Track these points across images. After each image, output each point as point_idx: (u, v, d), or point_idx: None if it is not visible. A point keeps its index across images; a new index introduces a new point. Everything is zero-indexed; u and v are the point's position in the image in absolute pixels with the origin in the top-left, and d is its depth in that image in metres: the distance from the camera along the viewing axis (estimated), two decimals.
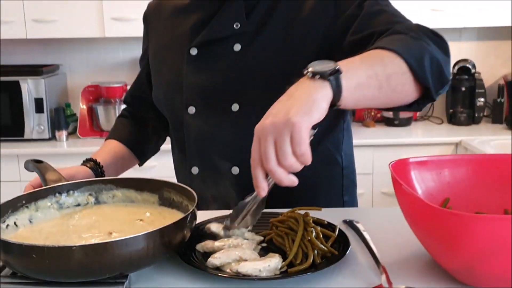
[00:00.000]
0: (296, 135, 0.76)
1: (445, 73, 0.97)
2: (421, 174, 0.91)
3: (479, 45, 3.42)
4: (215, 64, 1.17)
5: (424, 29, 1.01)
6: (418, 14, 3.01)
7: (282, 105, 0.80)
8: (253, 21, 1.15)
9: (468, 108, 3.24)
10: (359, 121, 3.31)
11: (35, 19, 3.04)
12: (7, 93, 3.04)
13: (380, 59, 0.89)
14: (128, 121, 1.43)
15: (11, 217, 0.90)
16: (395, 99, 0.93)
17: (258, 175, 0.80)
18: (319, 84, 0.80)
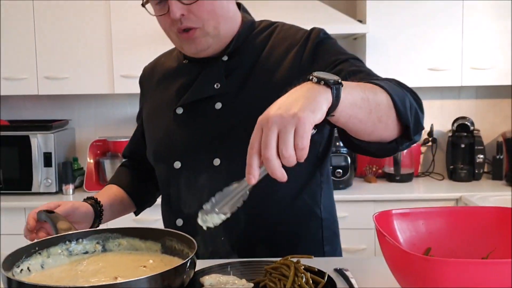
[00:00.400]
0: (300, 128, 0.81)
1: (421, 122, 1.07)
2: (403, 225, 0.98)
3: (478, 103, 3.51)
4: (198, 121, 1.28)
5: (403, 84, 1.10)
6: (416, 73, 3.13)
7: (288, 100, 0.85)
8: (233, 82, 1.26)
9: (468, 164, 3.31)
10: (361, 176, 3.38)
11: (47, 76, 3.18)
12: (16, 148, 3.14)
13: (372, 89, 0.98)
14: (129, 170, 1.52)
15: (25, 262, 0.98)
16: (379, 129, 1.00)
17: (253, 162, 0.83)
18: (323, 89, 0.86)
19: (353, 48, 3.48)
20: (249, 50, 1.29)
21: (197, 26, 1.21)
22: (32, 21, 3.14)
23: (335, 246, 1.40)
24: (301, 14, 3.08)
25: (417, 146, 3.43)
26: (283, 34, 1.30)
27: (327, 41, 1.27)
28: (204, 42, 1.24)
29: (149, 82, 1.46)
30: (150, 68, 1.49)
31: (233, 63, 1.28)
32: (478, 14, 3.08)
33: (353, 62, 1.20)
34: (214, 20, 1.22)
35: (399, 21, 3.10)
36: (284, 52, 1.26)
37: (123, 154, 1.58)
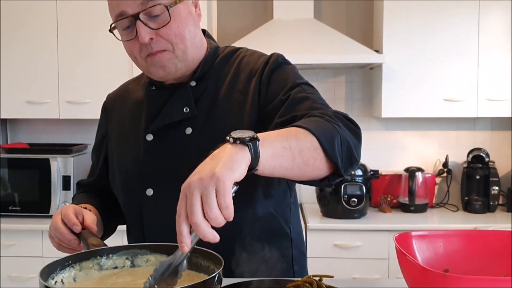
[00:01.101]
0: (221, 187, 0.83)
1: (354, 154, 1.10)
2: (422, 246, 1.02)
3: (493, 134, 3.54)
4: (169, 147, 1.28)
5: (339, 116, 1.14)
6: (431, 103, 3.18)
7: (207, 164, 0.88)
8: (202, 106, 1.29)
9: (483, 196, 3.32)
10: (375, 206, 3.40)
11: (69, 101, 3.27)
12: (37, 170, 3.20)
13: (295, 134, 1.01)
14: (92, 194, 1.48)
15: (59, 275, 1.03)
16: (308, 172, 1.03)
17: (182, 230, 0.85)
18: (240, 148, 0.90)
19: (370, 78, 3.54)
20: (214, 76, 1.32)
21: (166, 48, 1.23)
22: (56, 47, 3.25)
23: (303, 266, 1.43)
24: (318, 43, 3.15)
25: (432, 176, 3.46)
26: (246, 60, 1.34)
27: (283, 66, 1.31)
28: (171, 65, 1.25)
29: (115, 109, 1.45)
30: (115, 95, 1.49)
31: (200, 88, 1.31)
32: (494, 46, 3.14)
33: (304, 88, 1.23)
34: (182, 43, 1.24)
35: (416, 51, 3.16)
36: (247, 78, 1.30)
37: (81, 184, 1.55)
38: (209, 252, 1.07)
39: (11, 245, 3.05)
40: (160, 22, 1.21)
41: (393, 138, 3.58)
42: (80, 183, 1.55)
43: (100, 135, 1.50)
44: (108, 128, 1.47)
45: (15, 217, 3.17)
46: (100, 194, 1.49)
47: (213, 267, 1.05)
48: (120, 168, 1.38)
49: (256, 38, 3.16)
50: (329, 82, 3.57)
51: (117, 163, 1.39)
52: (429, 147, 3.56)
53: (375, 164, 3.50)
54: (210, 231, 0.85)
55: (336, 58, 3.09)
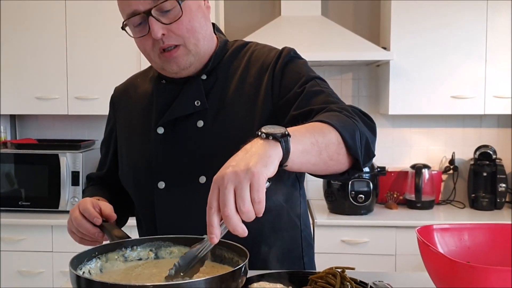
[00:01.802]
0: (255, 183, 0.84)
1: (371, 149, 1.12)
2: (444, 239, 1.03)
3: (500, 131, 3.55)
4: (181, 140, 1.29)
5: (356, 111, 1.16)
6: (439, 100, 3.19)
7: (241, 158, 0.89)
8: (213, 99, 1.30)
9: (490, 193, 3.32)
10: (382, 203, 3.42)
11: (77, 97, 3.28)
12: (46, 166, 3.22)
13: (321, 130, 1.02)
14: (102, 187, 1.49)
15: (87, 265, 1.04)
16: (331, 166, 1.05)
17: (213, 221, 0.86)
18: (273, 144, 0.91)
19: (376, 75, 3.56)
20: (225, 70, 1.33)
21: (179, 43, 1.24)
22: (64, 43, 3.27)
23: (311, 258, 1.45)
24: (326, 40, 3.16)
25: (438, 173, 3.47)
26: (256, 54, 1.35)
27: (296, 60, 1.32)
28: (186, 60, 1.27)
29: (123, 103, 1.46)
30: (123, 88, 1.50)
31: (210, 82, 1.32)
32: (502, 43, 3.14)
33: (318, 82, 1.25)
34: (194, 37, 1.25)
35: (423, 48, 3.17)
36: (258, 71, 1.31)
37: (90, 177, 1.55)
38: (233, 244, 1.09)
39: (21, 240, 3.07)
40: (171, 16, 1.22)
41: (399, 135, 3.60)
42: (90, 177, 1.57)
43: (109, 129, 1.52)
44: (116, 121, 1.48)
45: (25, 212, 3.19)
46: (110, 187, 1.50)
47: (237, 259, 1.06)
48: (130, 161, 1.39)
49: (263, 35, 3.17)
50: (336, 79, 3.58)
51: (127, 156, 1.40)
52: (436, 144, 3.58)
53: (382, 161, 3.52)
54: (241, 225, 0.86)
55: (343, 55, 3.10)
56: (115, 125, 1.48)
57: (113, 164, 1.49)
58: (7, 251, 3.08)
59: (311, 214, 3.18)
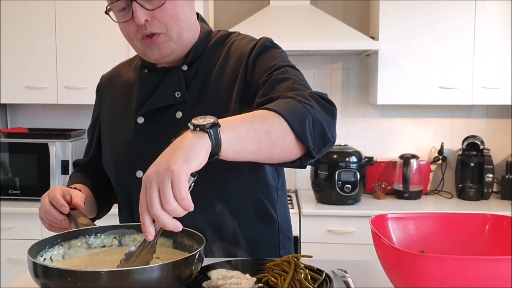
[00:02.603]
0: (175, 181, 0.85)
1: (327, 134, 1.10)
2: (398, 228, 1.05)
3: (488, 122, 3.56)
4: (160, 131, 1.30)
5: (314, 96, 1.13)
6: (427, 90, 3.20)
7: (165, 155, 0.91)
8: (193, 90, 1.31)
9: (477, 183, 3.34)
10: (370, 193, 3.44)
11: (67, 86, 3.29)
12: (35, 155, 3.24)
13: (261, 117, 1.02)
14: (87, 174, 1.51)
15: (48, 252, 1.07)
16: (276, 154, 1.04)
17: (145, 220, 0.89)
18: (199, 136, 0.92)
19: (366, 64, 3.56)
20: (206, 60, 1.34)
21: (161, 31, 1.25)
22: (54, 32, 3.27)
23: (289, 251, 1.46)
24: (315, 29, 3.17)
25: (427, 164, 3.49)
26: (236, 44, 1.35)
27: (270, 49, 1.32)
28: (167, 48, 1.27)
29: (108, 91, 1.48)
30: (108, 77, 1.52)
31: (191, 72, 1.33)
32: (490, 34, 3.15)
33: (287, 69, 1.24)
34: (177, 25, 1.26)
35: (412, 38, 3.17)
36: (235, 63, 1.32)
37: (76, 163, 1.58)
38: (192, 232, 1.11)
39: (11, 228, 3.09)
40: (155, 3, 1.23)
41: (388, 125, 3.61)
42: (76, 163, 1.59)
43: (94, 116, 1.53)
44: (101, 109, 1.50)
45: (15, 201, 3.22)
46: (94, 174, 1.52)
47: (196, 246, 1.08)
48: (111, 149, 1.41)
49: (252, 24, 3.18)
50: (325, 69, 3.59)
51: (109, 144, 1.42)
52: (425, 135, 3.59)
53: (371, 151, 3.54)
54: (171, 221, 0.88)
55: (332, 45, 3.10)
56: (100, 113, 1.50)
57: (96, 152, 1.51)
58: None
59: (298, 204, 3.20)
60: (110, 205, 1.55)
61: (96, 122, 1.52)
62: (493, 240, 1.02)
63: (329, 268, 1.15)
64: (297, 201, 3.29)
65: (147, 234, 0.90)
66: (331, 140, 1.12)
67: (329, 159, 3.15)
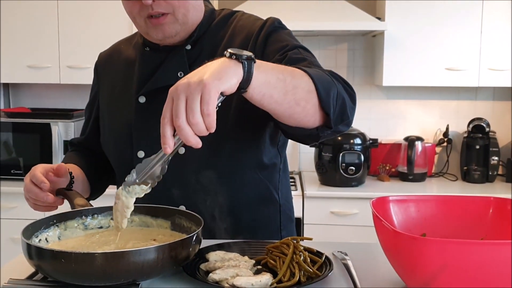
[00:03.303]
0: (205, 95, 0.84)
1: (347, 112, 1.10)
2: (399, 211, 1.03)
3: (495, 104, 3.51)
4: (162, 110, 1.29)
5: (338, 76, 1.13)
6: (433, 72, 3.16)
7: (198, 71, 0.89)
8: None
9: (482, 166, 3.31)
10: (374, 175, 3.41)
11: (70, 66, 3.27)
12: (38, 135, 3.23)
13: (292, 71, 1.01)
14: (82, 154, 1.50)
15: (44, 233, 1.06)
16: (297, 113, 1.03)
17: (166, 132, 0.87)
18: (234, 63, 0.90)
19: (372, 45, 3.52)
20: (210, 39, 1.31)
21: (167, 11, 1.22)
22: (56, 12, 3.24)
23: (291, 232, 1.45)
24: (321, 10, 3.12)
25: (432, 146, 3.46)
26: (241, 23, 1.33)
27: (279, 30, 1.30)
28: (172, 29, 1.25)
29: (107, 69, 1.45)
30: (107, 54, 1.48)
31: (195, 52, 1.30)
32: (498, 15, 3.09)
33: (300, 51, 1.23)
34: (184, 7, 1.23)
35: (418, 19, 3.12)
36: (242, 41, 1.29)
37: (72, 142, 1.56)
38: (190, 213, 1.09)
39: (13, 207, 3.10)
40: None
41: (394, 107, 3.57)
42: (72, 142, 1.57)
43: (93, 95, 1.51)
44: (100, 87, 1.47)
45: (17, 181, 3.22)
46: (89, 153, 1.50)
47: (194, 228, 1.07)
48: (111, 129, 1.39)
49: (257, 4, 3.13)
50: (331, 50, 3.54)
51: (108, 123, 1.40)
52: (430, 116, 3.55)
53: (376, 132, 3.50)
54: (193, 136, 0.86)
55: (337, 25, 3.06)
56: (98, 91, 1.48)
57: (93, 130, 1.49)
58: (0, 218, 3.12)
59: (301, 186, 3.18)
60: (105, 185, 1.53)
61: (95, 100, 1.50)
62: (496, 223, 1.00)
63: (329, 251, 1.14)
64: (301, 182, 3.28)
65: (166, 146, 0.87)
66: (349, 119, 1.11)
67: (333, 141, 3.12)
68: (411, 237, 0.81)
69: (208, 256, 1.05)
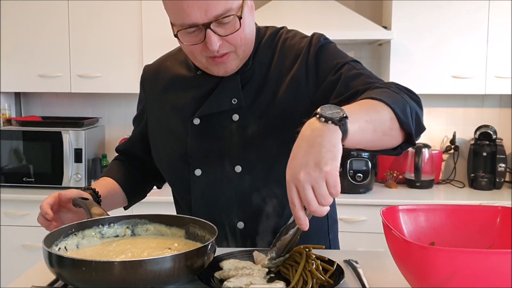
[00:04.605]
0: (331, 181, 0.89)
1: (422, 123, 1.14)
2: (409, 220, 1.05)
3: (502, 111, 3.53)
4: (217, 131, 1.32)
5: (400, 86, 1.17)
6: (440, 80, 3.18)
7: (309, 154, 0.91)
8: (248, 92, 1.30)
9: (489, 173, 3.32)
10: (381, 181, 3.43)
11: (80, 75, 3.32)
12: (49, 143, 3.28)
13: (373, 107, 1.04)
14: (123, 165, 1.54)
15: (63, 242, 1.09)
16: (385, 142, 1.07)
17: (301, 215, 0.93)
18: (333, 129, 0.92)
19: (378, 54, 3.54)
20: (260, 60, 1.33)
21: (230, 50, 1.23)
22: (67, 21, 3.29)
23: (336, 233, 1.49)
24: (327, 19, 3.15)
25: (439, 153, 3.47)
26: (289, 43, 1.34)
27: (327, 45, 1.32)
28: (233, 65, 1.27)
29: (154, 84, 1.46)
30: (154, 69, 1.48)
31: (247, 75, 1.32)
32: (504, 23, 3.11)
33: (353, 65, 1.26)
34: (245, 44, 1.25)
35: (424, 28, 3.15)
36: (292, 61, 1.31)
37: (118, 149, 1.59)
38: (204, 222, 1.12)
39: (25, 215, 3.13)
40: (228, 28, 1.20)
41: None
42: (118, 149, 1.61)
43: (141, 108, 1.51)
44: (147, 102, 1.47)
45: (29, 188, 3.26)
46: (132, 162, 1.54)
47: (208, 237, 1.10)
48: (165, 146, 1.40)
49: (265, 13, 3.17)
50: None
51: (161, 140, 1.42)
52: (437, 124, 3.57)
53: None
54: (325, 210, 0.93)
55: (344, 34, 3.09)
56: (145, 106, 1.48)
57: (138, 141, 1.52)
58: (12, 225, 3.16)
59: None
60: (143, 193, 1.57)
61: (143, 114, 1.50)
62: (504, 232, 1.02)
63: (340, 259, 1.16)
64: None
65: (304, 226, 0.94)
66: (425, 129, 1.16)
67: None
68: (421, 246, 0.84)
69: (222, 265, 1.08)
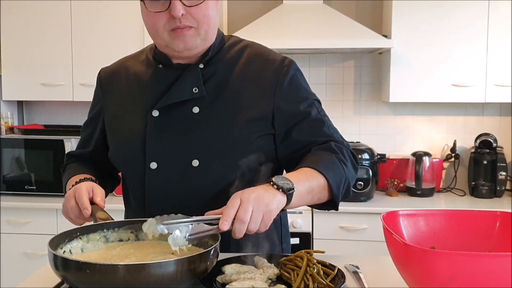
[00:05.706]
0: (267, 219, 1.12)
1: (350, 192, 1.38)
2: (409, 225, 1.07)
3: (502, 120, 3.54)
4: (175, 124, 1.35)
5: (350, 154, 1.37)
6: (440, 88, 3.19)
7: (265, 193, 1.14)
8: (210, 88, 1.35)
9: (490, 181, 3.33)
10: (382, 189, 3.44)
11: (82, 83, 3.33)
12: (51, 151, 3.29)
13: (316, 179, 1.26)
14: (83, 163, 1.53)
15: (68, 245, 1.10)
16: (314, 203, 1.31)
17: (228, 220, 1.08)
18: (281, 195, 1.16)
19: (378, 62, 3.57)
20: (222, 62, 1.39)
21: (193, 25, 1.29)
22: (70, 31, 3.31)
23: (288, 244, 1.53)
24: (328, 28, 3.18)
25: (440, 161, 3.49)
26: (255, 53, 1.42)
27: (296, 77, 1.40)
28: (193, 41, 1.31)
29: (113, 83, 1.48)
30: (113, 70, 1.52)
31: (208, 71, 1.37)
32: (503, 31, 3.13)
33: (317, 106, 1.41)
34: (207, 24, 1.31)
35: (424, 36, 3.17)
36: (257, 72, 1.38)
37: (72, 154, 1.58)
38: None
39: (27, 222, 3.15)
40: (193, 1, 1.27)
41: (401, 123, 3.61)
42: (71, 154, 1.59)
43: (97, 109, 1.51)
44: (106, 103, 1.48)
45: (31, 196, 3.27)
46: (93, 165, 1.53)
47: (211, 242, 1.11)
48: (122, 141, 1.42)
49: (266, 22, 3.19)
50: (338, 67, 3.60)
51: (118, 136, 1.43)
52: (437, 132, 3.59)
53: (383, 148, 3.54)
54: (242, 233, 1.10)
55: (345, 43, 3.11)
56: (103, 106, 1.49)
57: (99, 143, 1.51)
58: (14, 233, 3.17)
59: None
60: (110, 188, 1.61)
61: (99, 115, 1.50)
62: (503, 237, 1.04)
63: (341, 264, 1.17)
64: None
65: (223, 227, 1.08)
66: (351, 196, 1.41)
67: None
68: (421, 249, 0.85)
69: (224, 269, 1.09)
